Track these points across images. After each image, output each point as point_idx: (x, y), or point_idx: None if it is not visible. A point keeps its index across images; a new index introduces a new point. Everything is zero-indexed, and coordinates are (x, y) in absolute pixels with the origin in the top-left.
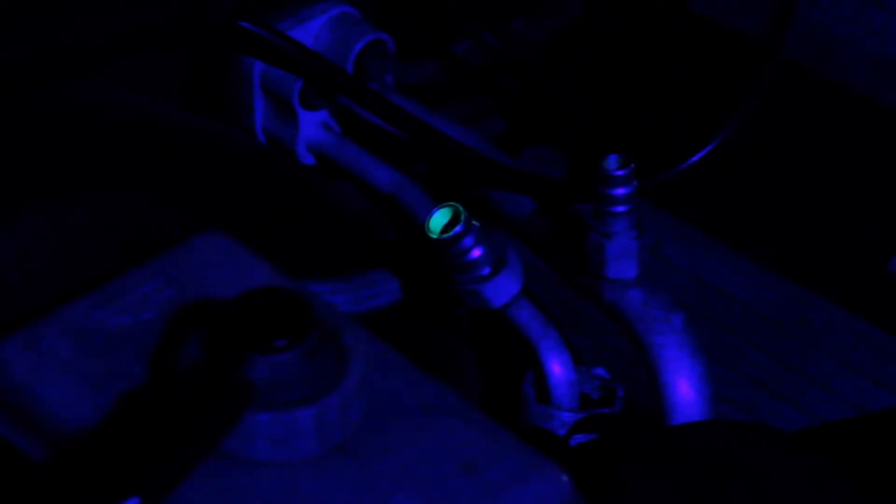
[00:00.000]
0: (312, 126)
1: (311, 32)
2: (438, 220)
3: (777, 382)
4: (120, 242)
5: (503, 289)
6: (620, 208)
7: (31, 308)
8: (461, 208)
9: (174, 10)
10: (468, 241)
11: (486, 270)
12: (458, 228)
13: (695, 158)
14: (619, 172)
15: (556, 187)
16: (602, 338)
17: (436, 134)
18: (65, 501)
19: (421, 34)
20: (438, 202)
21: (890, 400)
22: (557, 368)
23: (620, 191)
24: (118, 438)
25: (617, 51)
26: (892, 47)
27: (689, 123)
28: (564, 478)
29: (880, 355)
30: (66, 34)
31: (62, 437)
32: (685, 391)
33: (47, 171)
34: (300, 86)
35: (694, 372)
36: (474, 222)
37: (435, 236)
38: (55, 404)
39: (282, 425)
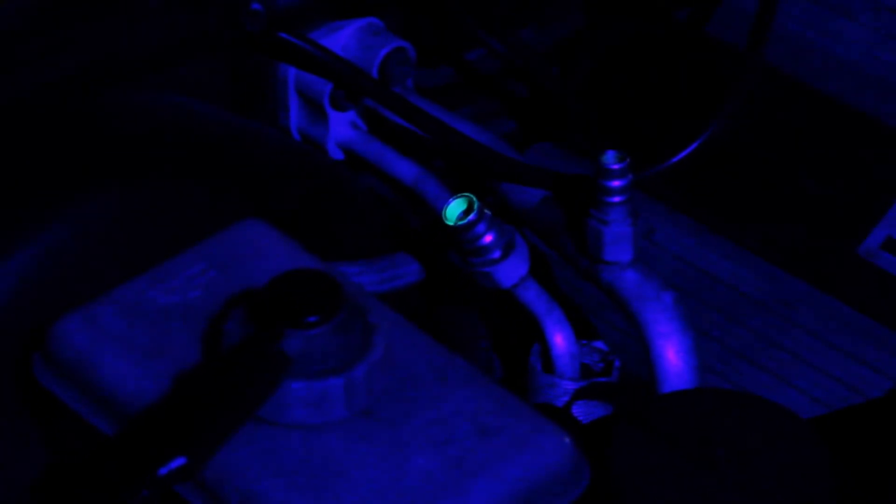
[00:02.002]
0: (341, 125)
1: (340, 41)
2: (454, 209)
3: (757, 354)
4: (169, 228)
5: (512, 271)
6: (617, 198)
7: (89, 287)
8: (475, 198)
9: (218, 21)
10: (481, 227)
11: (497, 254)
12: (471, 217)
13: (683, 154)
14: (616, 166)
15: (566, 181)
16: (601, 314)
17: (453, 132)
18: (118, 465)
19: (438, 42)
20: (454, 193)
21: (858, 370)
22: (561, 342)
23: (617, 183)
24: (170, 408)
25: (616, 58)
26: (857, 54)
27: (681, 123)
28: (567, 439)
29: (850, 330)
30: (125, 45)
31: (117, 402)
32: (675, 362)
33: (107, 163)
34: (330, 89)
35: (682, 345)
36: (486, 211)
37: (451, 224)
38: (110, 373)
39: (314, 392)
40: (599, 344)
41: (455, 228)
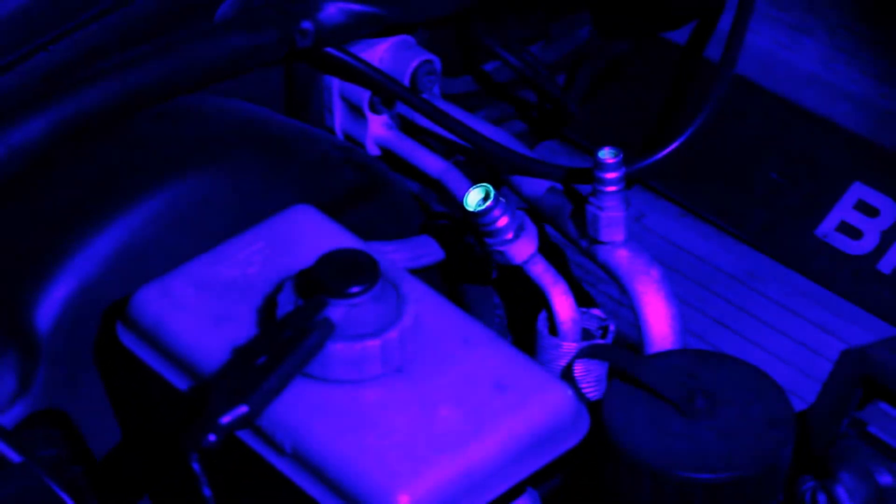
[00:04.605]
0: (378, 126)
1: (376, 54)
2: (474, 197)
3: (731, 320)
4: (232, 212)
5: (522, 249)
6: (611, 188)
7: (164, 263)
8: (491, 188)
9: (274, 38)
10: (496, 213)
11: (510, 235)
12: (489, 203)
13: (668, 150)
14: (611, 161)
15: (569, 174)
16: (598, 286)
17: (474, 132)
18: (189, 415)
19: (460, 56)
20: (474, 183)
21: (815, 333)
22: (564, 310)
23: (612, 175)
24: (233, 366)
25: (613, 69)
26: (816, 65)
27: (667, 124)
28: (569, 393)
29: (809, 299)
30: (195, 58)
31: (187, 360)
32: (661, 327)
33: (183, 156)
34: (369, 96)
35: (667, 312)
36: (501, 198)
37: (471, 209)
38: (181, 336)
39: (354, 353)
40: (597, 311)
41: (474, 213)
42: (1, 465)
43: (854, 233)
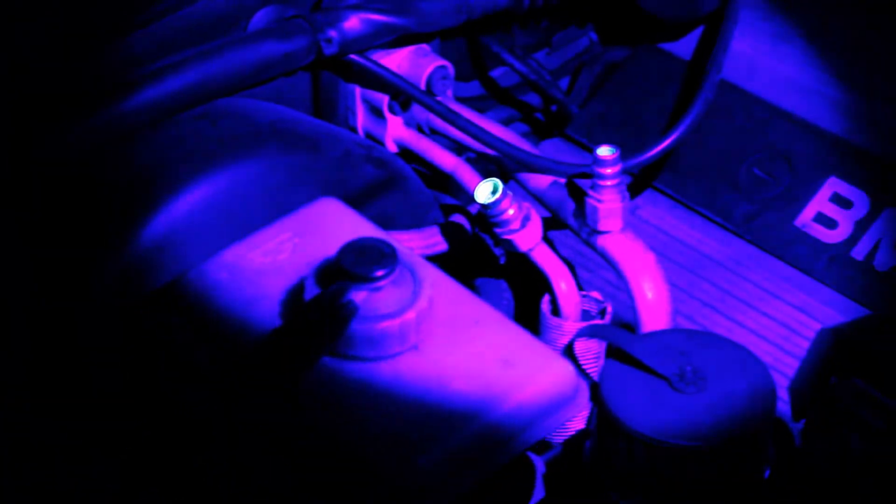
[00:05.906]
0: (396, 126)
1: (395, 61)
2: (484, 190)
3: (718, 303)
4: (264, 204)
5: (528, 238)
6: (609, 182)
7: (202, 251)
8: (499, 182)
9: (302, 46)
10: (504, 204)
11: (517, 225)
12: (497, 196)
13: (660, 147)
14: (608, 157)
15: (571, 169)
16: (597, 271)
17: (484, 131)
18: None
19: (471, 62)
20: (484, 177)
21: (794, 314)
22: (566, 292)
23: (609, 170)
24: (265, 345)
25: (611, 74)
26: (795, 70)
27: (660, 123)
28: (570, 368)
29: (789, 283)
30: (228, 62)
31: (223, 342)
32: (654, 309)
33: (218, 154)
34: (388, 98)
35: (660, 295)
36: (508, 192)
37: (481, 202)
38: (218, 319)
39: (375, 332)
40: (596, 294)
41: (484, 206)
42: None
43: (830, 223)
